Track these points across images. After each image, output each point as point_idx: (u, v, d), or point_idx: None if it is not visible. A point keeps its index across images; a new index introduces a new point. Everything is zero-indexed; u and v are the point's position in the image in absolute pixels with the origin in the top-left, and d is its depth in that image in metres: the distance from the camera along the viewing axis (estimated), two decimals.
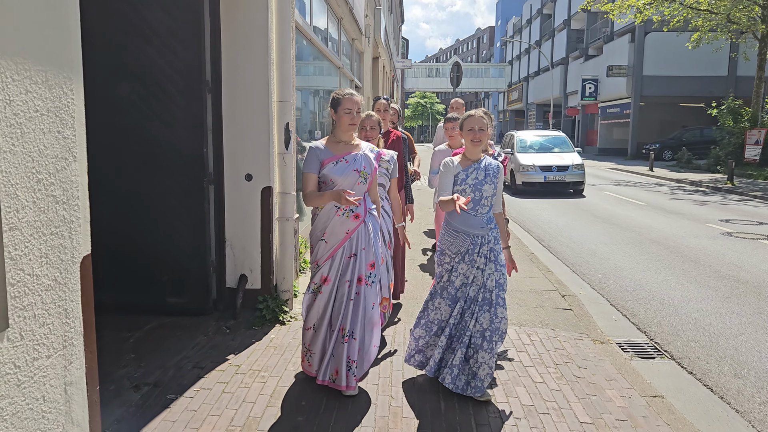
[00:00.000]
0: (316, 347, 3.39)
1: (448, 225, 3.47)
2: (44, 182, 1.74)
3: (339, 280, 3.34)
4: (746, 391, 3.73)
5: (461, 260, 3.40)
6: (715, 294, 5.79)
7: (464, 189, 3.40)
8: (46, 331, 1.77)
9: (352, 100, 3.32)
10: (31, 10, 1.68)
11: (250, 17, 4.42)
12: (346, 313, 3.30)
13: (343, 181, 3.29)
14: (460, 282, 3.42)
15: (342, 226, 3.31)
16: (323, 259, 3.34)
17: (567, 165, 14.20)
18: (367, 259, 3.37)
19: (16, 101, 1.60)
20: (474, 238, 3.39)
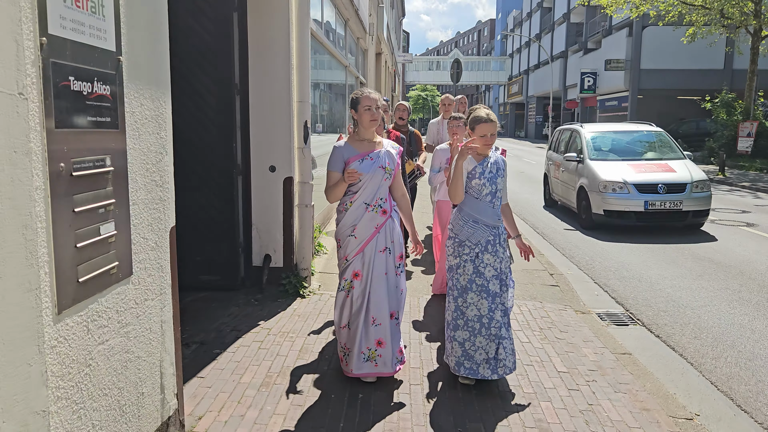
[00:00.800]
0: (354, 344, 3.44)
1: (466, 216, 3.50)
2: (150, 170, 2.37)
3: (373, 274, 3.43)
4: (702, 349, 4.37)
5: (484, 251, 3.46)
6: (688, 273, 6.42)
7: (483, 183, 3.47)
8: (150, 280, 2.40)
9: (370, 98, 3.44)
10: (147, 47, 2.30)
11: (273, 29, 5.03)
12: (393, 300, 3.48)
13: (370, 177, 3.40)
14: (491, 274, 3.46)
15: (371, 221, 3.43)
16: (353, 254, 3.43)
17: (683, 182, 8.58)
18: (395, 252, 3.52)
19: (136, 113, 2.23)
20: (492, 229, 3.49)
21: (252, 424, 3.00)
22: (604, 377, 3.69)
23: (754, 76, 20.23)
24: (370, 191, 3.42)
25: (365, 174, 3.38)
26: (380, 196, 3.45)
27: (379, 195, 3.45)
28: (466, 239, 3.46)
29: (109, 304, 2.07)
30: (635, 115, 31.54)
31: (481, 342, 3.42)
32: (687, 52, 27.52)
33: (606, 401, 3.36)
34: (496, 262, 3.46)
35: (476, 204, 3.48)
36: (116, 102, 2.07)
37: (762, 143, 19.93)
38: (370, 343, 3.44)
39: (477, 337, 3.43)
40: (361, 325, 3.42)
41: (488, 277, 3.44)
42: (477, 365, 3.43)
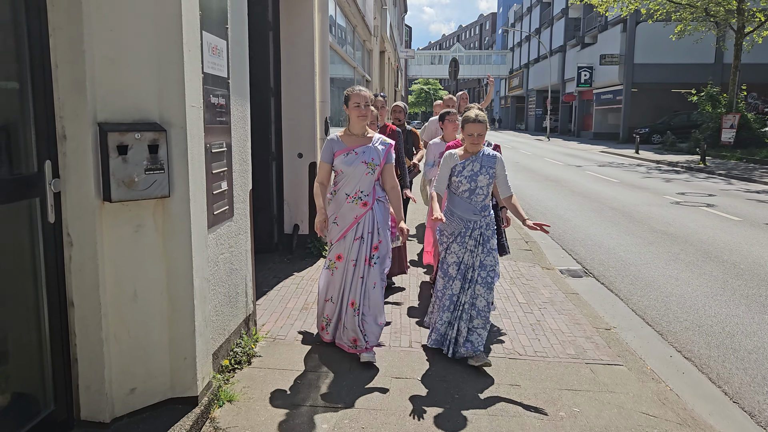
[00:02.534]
0: (335, 317, 3.83)
1: (447, 209, 3.82)
2: (240, 151, 3.70)
3: (347, 259, 3.71)
4: (633, 291, 5.69)
5: (454, 240, 3.77)
6: (642, 241, 7.73)
7: (460, 180, 3.70)
8: (241, 222, 3.73)
9: (360, 95, 3.60)
10: (238, 73, 3.62)
11: (300, 44, 6.33)
12: (355, 289, 3.72)
13: (351, 171, 3.61)
14: (452, 260, 3.76)
15: (351, 211, 3.66)
16: (335, 240, 3.72)
17: None
18: (371, 242, 3.70)
19: (235, 115, 3.55)
20: (467, 223, 3.71)
21: (297, 328, 4.33)
22: (552, 306, 5.00)
23: (737, 70, 21.39)
24: (351, 184, 3.64)
25: (346, 167, 3.60)
26: (360, 188, 3.64)
27: (359, 188, 3.64)
28: (444, 228, 3.81)
29: (223, 231, 3.40)
30: (629, 108, 32.74)
31: (443, 317, 3.82)
32: (679, 47, 28.59)
33: (550, 319, 4.67)
34: (460, 251, 3.74)
35: (454, 198, 3.78)
36: (227, 109, 3.39)
37: (744, 134, 21.16)
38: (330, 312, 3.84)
39: (442, 312, 3.82)
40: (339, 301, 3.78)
41: (449, 262, 3.76)
42: (441, 337, 3.86)
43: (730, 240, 7.72)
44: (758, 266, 6.42)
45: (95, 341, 2.53)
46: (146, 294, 2.64)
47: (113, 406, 2.61)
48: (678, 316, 4.96)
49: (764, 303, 5.22)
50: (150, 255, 2.64)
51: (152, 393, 2.72)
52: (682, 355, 4.18)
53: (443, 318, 3.81)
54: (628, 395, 3.35)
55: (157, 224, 2.65)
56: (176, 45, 2.56)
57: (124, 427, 2.60)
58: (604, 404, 3.23)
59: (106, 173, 2.43)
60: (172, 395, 2.78)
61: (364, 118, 3.61)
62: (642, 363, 3.87)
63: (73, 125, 2.40)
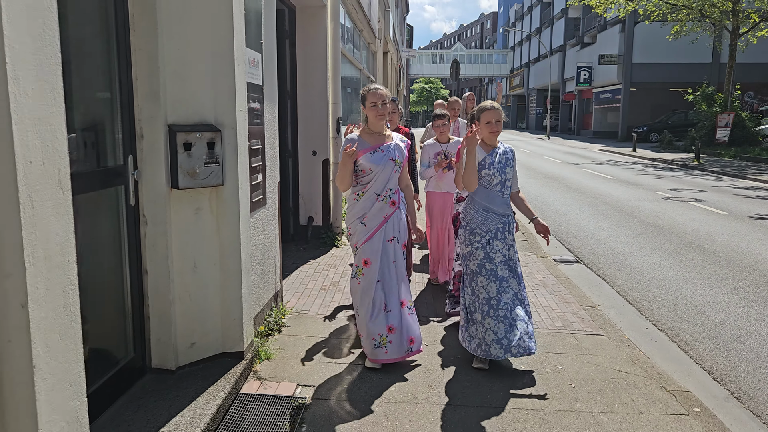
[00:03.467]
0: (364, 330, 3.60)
1: (477, 205, 3.61)
2: (271, 148, 4.27)
3: (382, 262, 3.57)
4: (619, 274, 6.25)
5: (493, 238, 3.57)
6: (631, 233, 8.29)
7: (493, 173, 3.59)
8: (272, 209, 4.30)
9: (376, 94, 3.54)
10: (269, 80, 4.19)
11: (314, 52, 6.90)
12: (402, 288, 3.64)
13: (381, 169, 3.54)
14: (500, 260, 3.58)
15: (381, 211, 3.56)
16: (362, 242, 3.56)
17: None
18: (401, 241, 3.66)
19: (266, 116, 4.13)
20: (502, 218, 3.60)
21: (318, 305, 4.91)
22: (545, 288, 5.57)
23: (732, 70, 21.89)
24: (381, 182, 3.55)
25: (376, 166, 3.52)
26: (390, 187, 3.58)
27: (389, 186, 3.58)
28: (477, 227, 3.59)
29: (259, 216, 3.97)
30: (627, 107, 33.26)
31: (489, 323, 3.53)
32: (677, 47, 29.08)
33: (542, 298, 5.24)
34: (504, 248, 3.61)
35: (487, 193, 3.60)
36: (262, 111, 3.96)
37: (738, 133, 21.70)
38: (381, 329, 3.55)
39: (486, 318, 3.55)
40: (372, 310, 3.55)
41: (497, 262, 3.56)
42: (488, 346, 3.55)
43: (713, 231, 8.28)
44: (736, 254, 6.98)
45: (164, 303, 3.11)
46: (204, 265, 3.22)
47: (177, 357, 3.18)
48: (657, 296, 5.53)
49: (736, 285, 5.78)
50: (206, 233, 3.21)
51: (207, 347, 3.30)
52: (657, 328, 4.75)
53: (500, 328, 3.51)
54: (605, 357, 3.92)
55: (212, 208, 3.23)
56: (228, 62, 3.13)
57: (186, 374, 3.18)
58: (584, 363, 3.80)
59: (175, 166, 3.00)
60: (223, 350, 3.35)
61: (382, 117, 3.57)
62: (620, 333, 4.43)
63: (149, 127, 2.98)
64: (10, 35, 1.51)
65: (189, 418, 2.73)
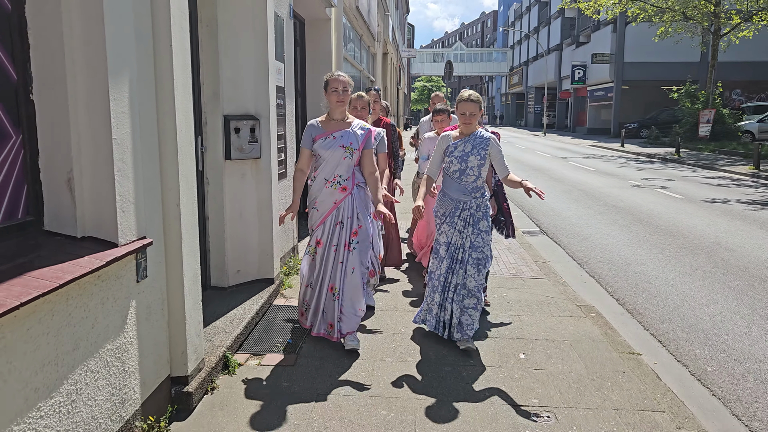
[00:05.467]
0: (312, 302, 3.82)
1: (441, 190, 3.89)
2: (289, 134, 5.61)
3: (328, 245, 3.70)
4: (572, 242, 7.58)
5: (444, 221, 3.83)
6: (593, 212, 9.62)
7: (451, 160, 3.73)
8: (288, 182, 5.63)
9: (338, 80, 3.59)
10: (289, 80, 5.53)
11: (321, 56, 8.24)
12: (335, 274, 3.71)
13: (329, 155, 3.61)
14: (443, 240, 3.82)
15: (331, 196, 3.66)
16: (316, 225, 3.74)
17: None
18: (351, 227, 3.68)
19: (287, 110, 5.47)
20: (457, 203, 3.76)
21: None
22: (508, 250, 6.90)
23: (713, 69, 23.12)
24: (330, 168, 3.65)
25: (324, 151, 3.62)
26: (339, 173, 3.64)
27: (337, 172, 3.64)
28: (437, 209, 3.90)
29: (282, 185, 5.29)
30: (619, 104, 34.52)
31: (435, 298, 3.88)
32: (667, 47, 30.18)
33: (504, 257, 6.56)
34: (450, 231, 3.79)
35: (446, 179, 3.86)
36: (284, 106, 5.30)
37: (718, 128, 22.96)
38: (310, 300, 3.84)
39: (434, 294, 3.89)
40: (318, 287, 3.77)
41: (440, 242, 3.85)
42: (434, 318, 3.90)
43: (663, 211, 9.60)
44: (674, 227, 8.30)
45: (220, 240, 4.45)
46: (247, 215, 4.57)
47: (228, 279, 4.53)
48: (597, 255, 6.86)
49: (664, 248, 7.11)
50: (249, 192, 4.56)
51: (248, 274, 4.65)
52: (588, 275, 6.09)
53: (435, 299, 3.86)
54: (541, 290, 5.25)
55: (253, 174, 4.57)
56: (264, 72, 4.47)
57: (235, 291, 4.52)
58: (523, 293, 5.13)
59: (228, 143, 4.35)
60: (259, 277, 4.70)
61: (342, 103, 3.61)
62: (559, 278, 5.76)
63: (212, 117, 4.32)
64: (177, 71, 2.83)
65: (242, 311, 4.08)
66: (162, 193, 2.79)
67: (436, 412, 2.99)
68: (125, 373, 2.45)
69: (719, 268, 6.13)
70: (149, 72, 2.66)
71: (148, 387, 2.67)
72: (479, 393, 3.22)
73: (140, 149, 2.53)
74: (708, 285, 5.59)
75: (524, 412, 3.03)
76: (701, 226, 8.37)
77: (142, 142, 2.55)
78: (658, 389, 3.32)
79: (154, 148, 2.70)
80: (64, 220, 2.32)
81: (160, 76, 2.73)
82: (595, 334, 4.13)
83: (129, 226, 2.44)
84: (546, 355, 3.78)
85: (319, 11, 7.69)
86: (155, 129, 2.73)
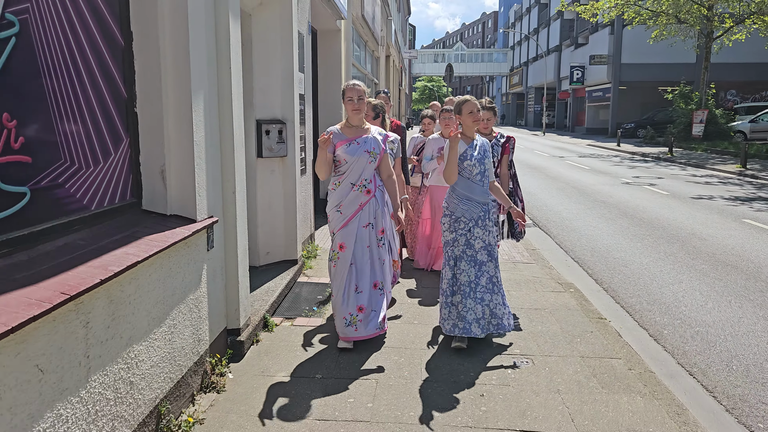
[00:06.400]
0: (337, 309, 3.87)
1: (460, 195, 3.83)
2: (309, 135, 6.37)
3: (357, 246, 3.81)
4: (561, 232, 8.33)
5: (475, 225, 3.82)
6: (582, 207, 10.37)
7: (474, 164, 3.79)
8: (309, 177, 6.40)
9: (353, 89, 3.73)
10: (308, 88, 6.30)
11: (332, 64, 9.00)
12: (377, 270, 3.90)
13: (356, 161, 3.74)
14: (480, 245, 3.84)
15: (356, 199, 3.78)
16: (338, 228, 3.84)
17: None
18: (377, 226, 3.89)
19: (306, 115, 6.23)
20: (484, 206, 3.84)
21: None
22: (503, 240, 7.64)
23: (706, 71, 23.86)
24: (356, 173, 3.78)
25: (351, 157, 3.72)
26: (365, 177, 3.79)
27: (363, 176, 3.79)
28: (461, 215, 3.82)
29: (303, 179, 6.03)
30: (617, 105, 35.23)
31: (470, 304, 3.83)
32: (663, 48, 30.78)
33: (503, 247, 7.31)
34: (484, 234, 3.86)
35: (468, 184, 3.82)
36: (304, 111, 6.05)
37: (711, 128, 23.69)
38: (352, 309, 3.81)
39: (467, 299, 3.84)
40: (344, 291, 3.82)
41: (477, 248, 3.84)
42: (469, 324, 3.83)
43: (648, 206, 10.35)
44: (656, 220, 9.05)
45: (253, 226, 5.21)
46: (275, 205, 5.33)
47: (259, 259, 5.29)
48: (582, 244, 7.62)
49: (643, 238, 7.86)
50: (276, 185, 5.32)
51: (275, 256, 5.41)
52: (573, 260, 6.84)
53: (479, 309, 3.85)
54: (529, 272, 6.00)
55: (280, 170, 5.33)
56: (290, 82, 5.23)
57: (264, 269, 5.28)
58: (513, 274, 5.88)
59: (260, 144, 5.10)
60: (284, 258, 5.46)
61: (358, 111, 3.76)
62: (546, 262, 6.51)
63: (247, 122, 5.08)
64: (234, 87, 3.58)
65: (273, 284, 4.85)
66: (222, 183, 3.56)
67: (437, 360, 3.75)
68: (200, 319, 3.21)
69: (690, 255, 6.89)
70: (215, 88, 3.43)
71: (213, 333, 3.44)
72: (474, 345, 3.97)
73: (210, 149, 3.30)
74: (677, 268, 6.34)
75: (508, 358, 3.79)
76: (681, 219, 9.11)
77: (211, 144, 3.32)
78: (618, 344, 4.07)
79: (217, 148, 3.47)
80: (157, 202, 3.08)
81: (222, 91, 3.50)
82: (571, 305, 4.89)
83: (203, 207, 3.20)
84: (528, 319, 4.54)
85: (330, 23, 8.45)
86: (218, 133, 3.49)
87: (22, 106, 2.15)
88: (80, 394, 2.08)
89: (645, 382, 3.47)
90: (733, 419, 3.30)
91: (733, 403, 3.46)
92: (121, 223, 2.81)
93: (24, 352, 1.78)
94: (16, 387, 1.75)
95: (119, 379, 2.35)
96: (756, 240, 7.61)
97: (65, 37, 2.40)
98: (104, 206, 2.72)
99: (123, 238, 2.62)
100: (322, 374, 3.52)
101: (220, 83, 3.49)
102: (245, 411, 3.07)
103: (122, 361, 2.38)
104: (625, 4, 23.79)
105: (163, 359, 2.75)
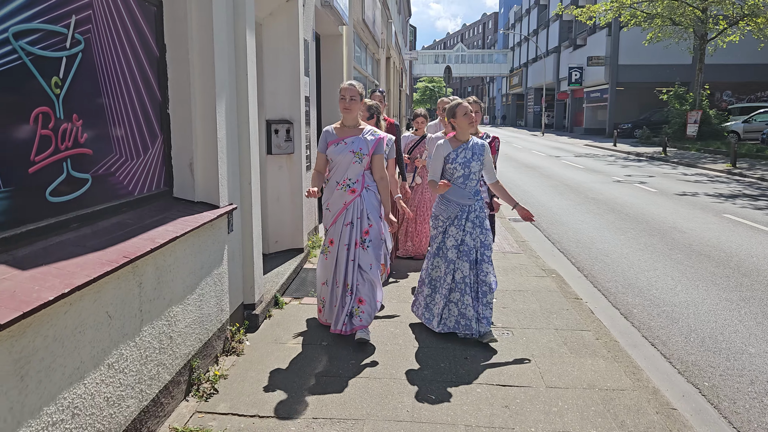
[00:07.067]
0: (328, 298, 4.06)
1: (443, 195, 3.98)
2: (313, 134, 6.88)
3: (339, 244, 3.91)
4: (550, 226, 8.83)
5: (451, 224, 3.97)
6: (573, 203, 10.87)
7: (455, 167, 3.85)
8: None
9: (345, 89, 3.81)
10: (314, 91, 6.80)
11: (334, 68, 9.51)
12: (347, 271, 3.92)
13: (340, 160, 3.82)
14: (451, 244, 3.96)
15: (341, 198, 3.89)
16: (329, 224, 3.99)
17: None
18: (361, 227, 3.88)
19: (311, 115, 6.75)
20: (463, 207, 3.94)
21: None
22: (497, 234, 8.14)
23: (701, 72, 24.35)
24: (340, 172, 3.90)
25: (335, 156, 3.85)
26: (349, 176, 3.87)
27: (347, 176, 3.87)
28: (439, 214, 4.02)
29: (307, 175, 6.54)
30: (614, 105, 35.72)
31: (437, 299, 4.05)
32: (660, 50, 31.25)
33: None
34: (458, 233, 3.96)
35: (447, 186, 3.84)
36: (309, 112, 6.56)
37: (705, 129, 24.18)
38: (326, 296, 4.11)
39: (435, 294, 4.07)
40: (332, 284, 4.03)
41: (449, 246, 3.98)
42: (432, 316, 4.11)
43: (635, 202, 10.85)
44: (641, 215, 9.55)
45: (263, 216, 5.71)
46: (282, 198, 5.84)
47: (269, 247, 5.80)
48: (569, 236, 8.12)
49: (626, 230, 8.36)
50: (284, 180, 5.83)
51: (283, 244, 5.92)
52: (559, 250, 7.35)
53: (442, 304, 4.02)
54: (516, 261, 6.50)
55: (288, 166, 5.84)
56: (297, 85, 5.74)
57: (274, 256, 5.79)
58: (502, 262, 6.39)
59: (270, 141, 5.61)
60: (292, 246, 5.97)
61: (349, 111, 3.82)
62: (533, 252, 7.01)
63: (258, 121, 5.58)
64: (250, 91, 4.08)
65: (282, 269, 5.36)
66: (240, 175, 4.07)
67: (428, 334, 4.25)
68: (223, 292, 3.72)
69: (668, 246, 7.39)
70: (234, 92, 3.94)
71: (233, 305, 3.95)
72: None
73: (230, 145, 3.81)
74: (654, 257, 6.84)
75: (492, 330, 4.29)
76: (665, 214, 9.61)
77: (231, 141, 3.82)
78: (590, 319, 4.58)
79: (236, 145, 3.98)
80: (186, 190, 3.59)
81: (240, 95, 4.01)
82: (552, 287, 5.39)
83: (224, 196, 3.71)
84: (512, 299, 5.04)
85: (332, 29, 8.96)
86: (237, 131, 4.00)
87: (86, 108, 2.65)
88: (135, 340, 2.59)
89: (609, 349, 3.98)
90: (683, 379, 3.80)
91: (686, 367, 3.97)
92: (158, 208, 3.32)
93: (99, 300, 2.29)
94: (93, 327, 2.26)
95: (162, 333, 2.86)
96: (732, 233, 8.11)
97: (115, 51, 2.91)
98: (144, 193, 3.23)
99: (161, 218, 3.13)
100: (327, 342, 4.03)
101: (239, 87, 4.00)
102: (262, 369, 3.58)
103: (164, 318, 2.88)
104: (620, 6, 24.28)
105: (194, 321, 3.26)
